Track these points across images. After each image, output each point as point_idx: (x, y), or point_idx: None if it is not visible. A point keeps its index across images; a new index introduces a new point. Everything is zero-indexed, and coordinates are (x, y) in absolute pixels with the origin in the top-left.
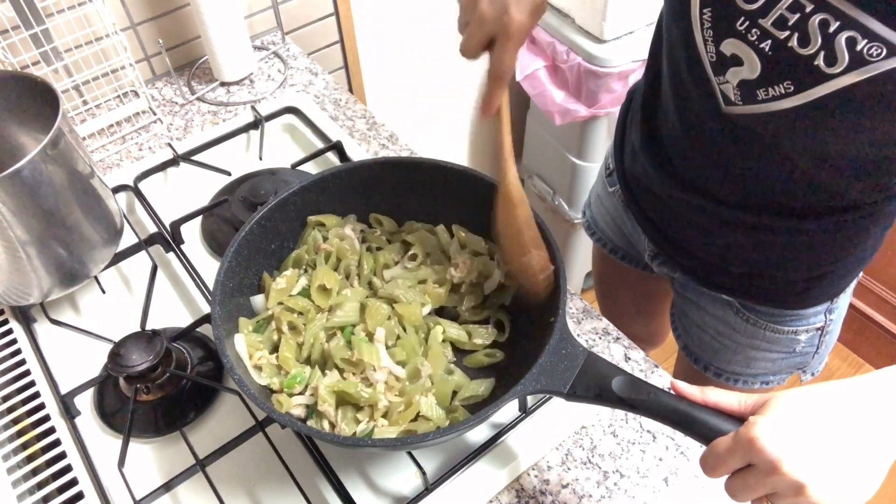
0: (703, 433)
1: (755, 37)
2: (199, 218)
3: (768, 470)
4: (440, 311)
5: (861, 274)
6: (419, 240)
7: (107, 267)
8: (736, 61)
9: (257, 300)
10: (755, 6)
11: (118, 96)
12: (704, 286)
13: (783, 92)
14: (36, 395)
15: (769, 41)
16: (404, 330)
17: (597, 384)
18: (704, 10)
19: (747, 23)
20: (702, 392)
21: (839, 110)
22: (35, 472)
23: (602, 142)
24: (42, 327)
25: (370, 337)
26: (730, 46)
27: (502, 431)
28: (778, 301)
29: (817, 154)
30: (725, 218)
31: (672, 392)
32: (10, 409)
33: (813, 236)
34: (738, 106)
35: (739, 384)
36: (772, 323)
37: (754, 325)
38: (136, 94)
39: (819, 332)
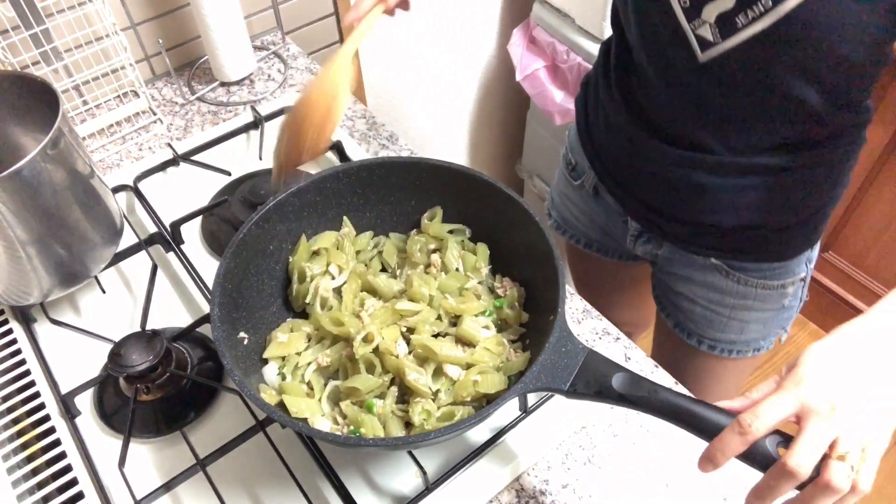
0: (704, 428)
1: None
2: (199, 218)
3: (824, 409)
4: None
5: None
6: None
7: (107, 267)
8: None
9: (269, 371)
10: None
11: (118, 96)
12: (694, 251)
13: (762, 10)
14: (36, 395)
15: None
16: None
17: (597, 381)
18: None
19: None
20: (746, 397)
21: (816, 17)
22: (35, 472)
23: None
24: (42, 327)
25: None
26: None
27: (502, 431)
28: (766, 253)
29: (797, 73)
30: (714, 167)
31: (672, 389)
32: (10, 409)
33: (795, 174)
34: (718, 45)
35: (734, 354)
36: (761, 279)
37: (745, 285)
38: (136, 94)
39: (802, 282)
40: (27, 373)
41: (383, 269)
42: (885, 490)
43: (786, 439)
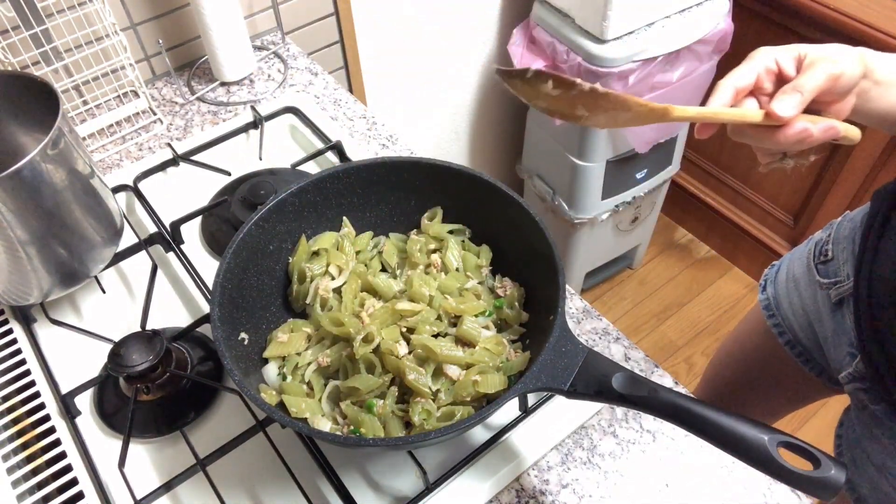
0: (704, 428)
1: None
2: (199, 218)
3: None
4: None
5: None
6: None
7: (107, 267)
8: None
9: (269, 371)
10: None
11: (118, 96)
12: None
13: None
14: (36, 395)
15: None
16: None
17: (597, 381)
18: None
19: None
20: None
21: None
22: (35, 472)
23: (602, 141)
24: (42, 327)
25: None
26: None
27: (502, 431)
28: None
29: None
30: None
31: (672, 389)
32: (10, 409)
33: None
34: None
35: None
36: None
37: None
38: (136, 94)
39: None
40: (27, 373)
41: (383, 270)
42: None
43: (788, 440)
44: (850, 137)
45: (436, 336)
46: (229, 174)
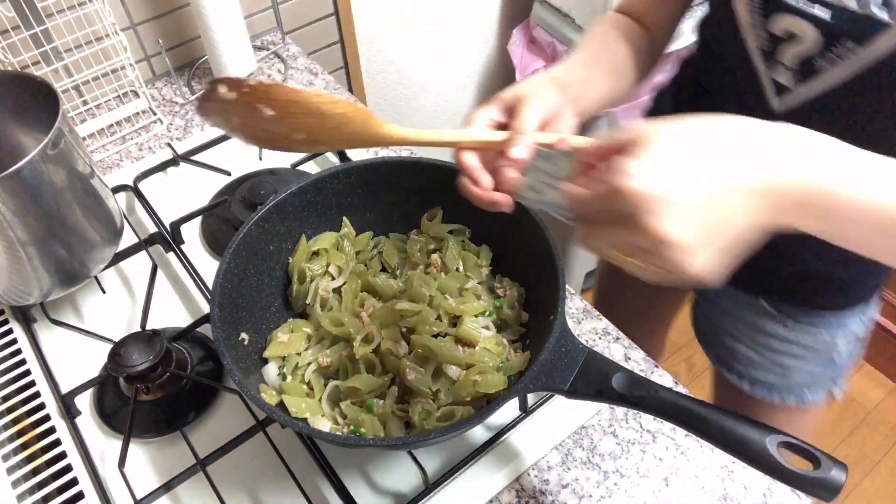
0: (703, 428)
1: (806, 4)
2: (199, 218)
3: (631, 222)
4: None
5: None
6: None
7: (107, 267)
8: (790, 38)
9: (269, 371)
10: None
11: (118, 96)
12: (745, 290)
13: (846, 54)
14: (36, 395)
15: (822, 5)
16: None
17: (597, 381)
18: None
19: None
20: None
21: None
22: (35, 472)
23: None
24: (42, 327)
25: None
26: (781, 24)
27: (502, 431)
28: (819, 302)
29: (886, 119)
30: None
31: (672, 389)
32: (10, 409)
33: None
34: (795, 92)
35: (775, 398)
36: (810, 327)
37: (792, 331)
38: (136, 94)
39: (856, 340)
40: (27, 373)
41: (383, 270)
42: (886, 491)
43: (788, 440)
44: (582, 148)
45: (436, 336)
46: (229, 174)
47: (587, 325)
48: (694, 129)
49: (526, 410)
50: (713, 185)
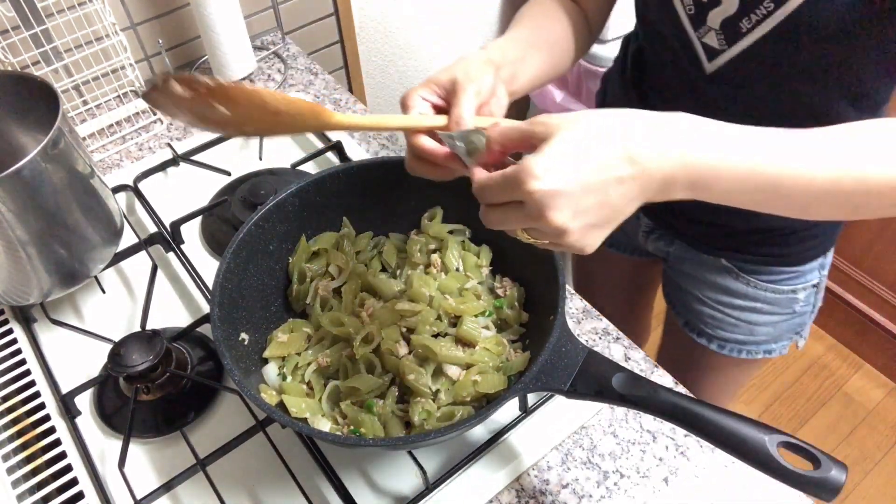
0: (703, 428)
1: None
2: (199, 218)
3: (532, 213)
4: None
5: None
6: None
7: (107, 267)
8: (714, 3)
9: (269, 371)
10: None
11: (118, 96)
12: (706, 252)
13: (766, 13)
14: (36, 395)
15: None
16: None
17: (597, 381)
18: None
19: None
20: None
21: (819, 15)
22: (35, 472)
23: None
24: (42, 327)
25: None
26: None
27: (502, 431)
28: (778, 257)
29: (806, 76)
30: None
31: (672, 389)
32: (10, 409)
33: None
34: (724, 53)
35: (743, 355)
36: (771, 283)
37: (755, 288)
38: (137, 94)
39: (815, 288)
40: (27, 373)
41: (383, 270)
42: (886, 491)
43: (788, 440)
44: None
45: (436, 336)
46: (229, 174)
47: (587, 325)
48: (594, 125)
49: (526, 410)
50: (600, 175)
